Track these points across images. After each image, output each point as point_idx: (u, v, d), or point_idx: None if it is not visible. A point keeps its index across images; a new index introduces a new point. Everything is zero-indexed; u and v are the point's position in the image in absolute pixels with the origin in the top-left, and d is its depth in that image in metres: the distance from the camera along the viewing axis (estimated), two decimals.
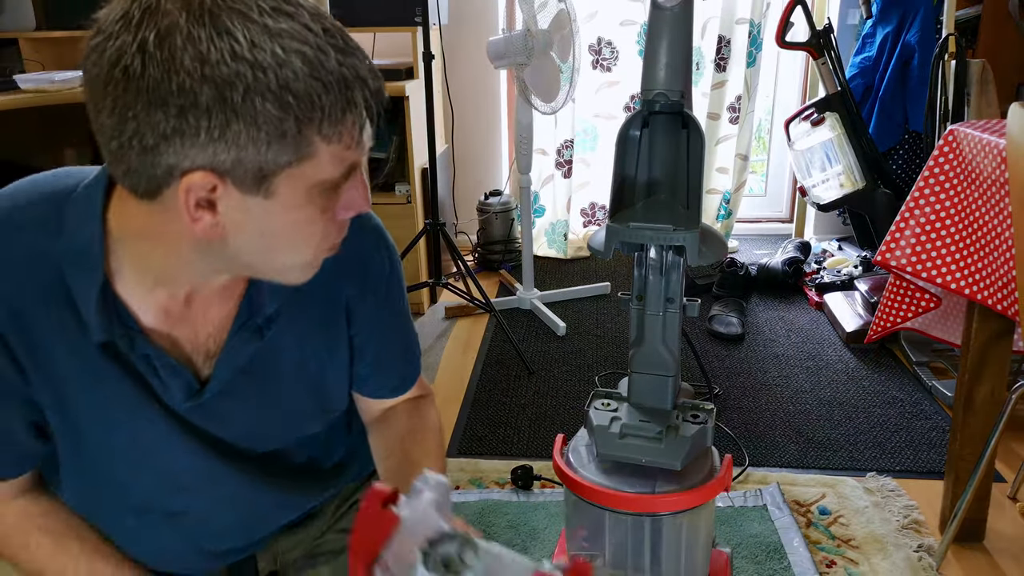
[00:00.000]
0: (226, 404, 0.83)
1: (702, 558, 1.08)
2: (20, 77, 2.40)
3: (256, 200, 0.66)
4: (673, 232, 0.88)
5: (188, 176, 0.64)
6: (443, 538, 0.56)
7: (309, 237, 0.71)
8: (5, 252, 0.73)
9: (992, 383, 1.51)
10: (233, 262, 0.72)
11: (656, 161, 0.94)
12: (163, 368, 0.78)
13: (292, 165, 0.65)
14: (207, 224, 0.67)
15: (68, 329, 0.74)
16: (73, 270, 0.73)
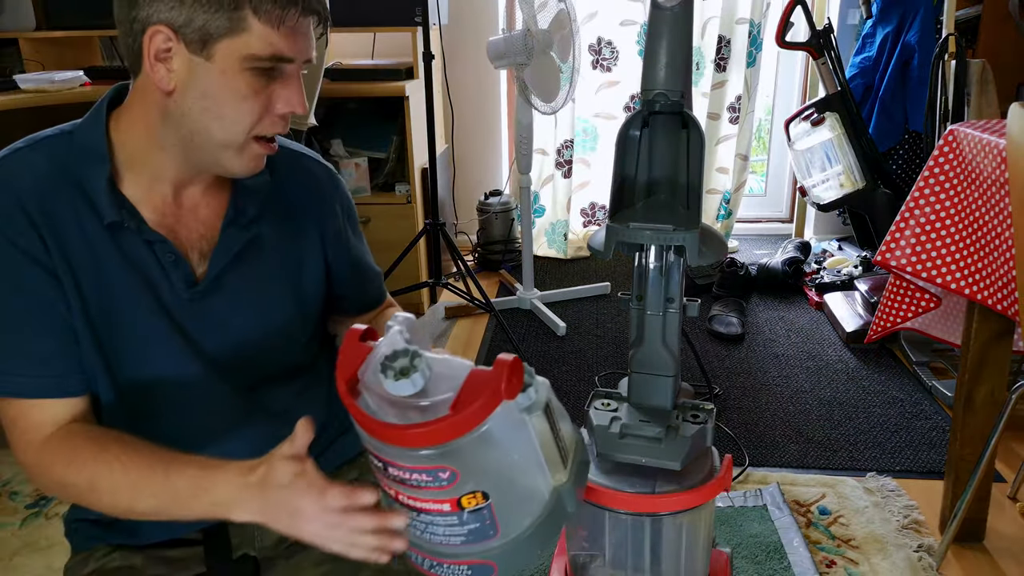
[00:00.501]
0: (218, 302, 0.93)
1: (702, 558, 1.08)
2: (20, 77, 2.40)
3: (199, 60, 0.82)
4: (673, 232, 0.88)
5: (151, 29, 0.81)
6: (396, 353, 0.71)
7: (240, 112, 0.84)
8: (29, 165, 0.85)
9: (992, 383, 1.52)
10: (183, 134, 0.85)
11: (656, 161, 0.94)
12: (165, 256, 0.89)
13: (229, 35, 0.81)
14: (163, 75, 0.82)
15: (83, 216, 0.85)
16: (83, 164, 0.86)
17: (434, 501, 0.73)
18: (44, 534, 1.69)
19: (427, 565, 0.80)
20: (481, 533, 0.75)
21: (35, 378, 0.86)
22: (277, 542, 1.05)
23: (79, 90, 2.48)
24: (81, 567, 1.02)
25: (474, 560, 0.77)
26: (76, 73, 2.49)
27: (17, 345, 0.85)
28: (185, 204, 0.92)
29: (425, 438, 0.69)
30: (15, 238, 0.83)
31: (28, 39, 2.69)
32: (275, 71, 0.84)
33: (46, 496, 1.82)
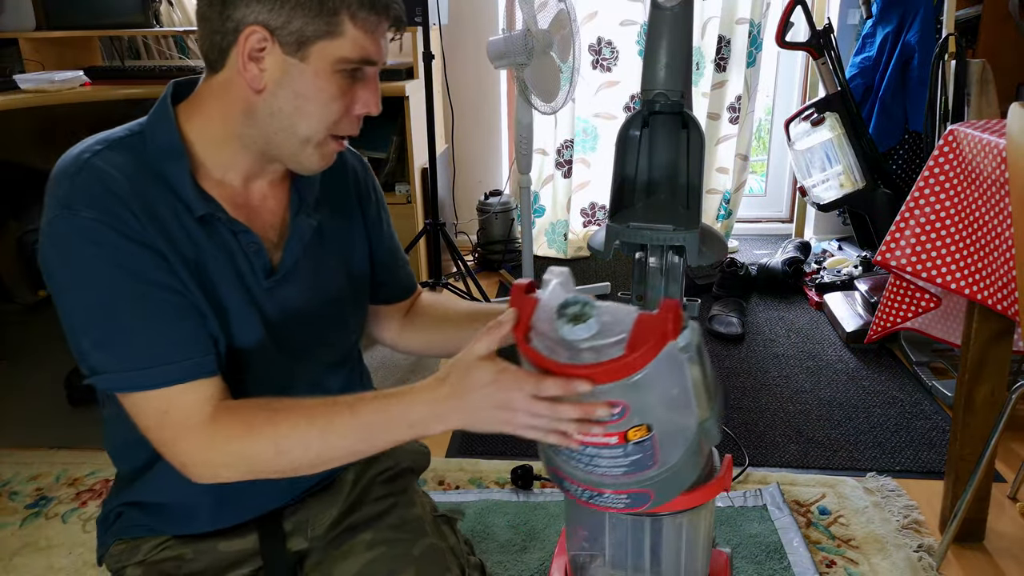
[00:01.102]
0: (291, 289, 0.98)
1: (702, 558, 1.08)
2: (20, 77, 2.40)
3: (293, 62, 0.85)
4: (673, 232, 0.88)
5: (248, 29, 0.83)
6: (568, 303, 0.80)
7: (327, 111, 0.88)
8: (116, 166, 0.86)
9: (992, 383, 1.51)
10: (267, 131, 0.89)
11: (656, 161, 0.94)
12: (248, 246, 0.93)
13: (325, 38, 0.85)
14: (255, 75, 0.85)
15: (176, 210, 0.88)
16: (166, 162, 0.88)
17: (603, 435, 0.81)
18: (44, 534, 1.70)
19: (586, 496, 0.88)
20: (641, 464, 0.84)
21: (183, 362, 0.86)
22: (327, 530, 1.08)
23: (79, 90, 2.48)
24: (128, 556, 1.03)
25: (633, 489, 0.86)
26: (76, 73, 2.49)
27: (163, 334, 0.85)
28: (254, 196, 0.96)
29: (608, 375, 0.77)
30: (132, 235, 0.84)
31: (28, 39, 2.69)
32: (359, 73, 0.89)
33: (46, 496, 1.82)
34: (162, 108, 0.91)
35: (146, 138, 0.90)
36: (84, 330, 0.85)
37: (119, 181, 0.85)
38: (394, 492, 1.13)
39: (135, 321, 0.84)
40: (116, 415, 0.97)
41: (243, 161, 0.93)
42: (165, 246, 0.86)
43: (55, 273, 0.85)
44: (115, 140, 0.90)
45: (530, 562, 1.56)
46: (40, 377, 2.39)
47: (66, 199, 0.84)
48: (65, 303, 0.85)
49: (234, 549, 1.03)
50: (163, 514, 1.02)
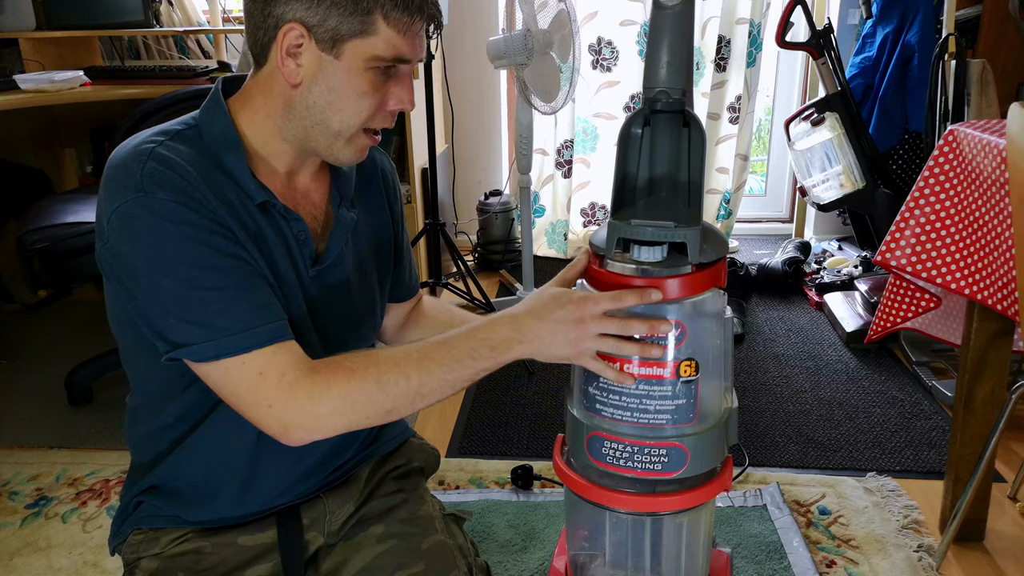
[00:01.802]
0: (333, 277, 1.02)
1: (702, 558, 1.08)
2: (20, 77, 2.39)
3: (328, 58, 0.89)
4: (675, 229, 0.89)
5: (286, 26, 0.87)
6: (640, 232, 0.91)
7: (359, 107, 0.92)
8: (182, 155, 0.89)
9: (992, 383, 1.51)
10: (304, 124, 0.93)
11: (658, 159, 0.94)
12: (299, 234, 0.97)
13: (358, 36, 0.88)
14: (292, 70, 0.89)
15: (236, 201, 0.92)
16: (224, 153, 0.92)
17: (659, 365, 0.90)
18: (44, 534, 1.69)
19: (625, 456, 0.94)
20: (684, 412, 0.93)
21: (269, 324, 0.89)
22: (342, 524, 1.11)
23: (79, 90, 2.48)
24: (146, 547, 1.04)
25: (671, 443, 0.93)
26: (76, 73, 2.49)
27: (246, 301, 0.88)
28: (299, 188, 1.01)
29: (681, 288, 0.88)
30: (206, 214, 0.87)
31: (28, 39, 2.69)
32: (392, 70, 0.92)
33: (46, 496, 1.82)
34: (215, 101, 0.95)
35: (201, 131, 0.94)
36: (169, 307, 0.86)
37: (186, 167, 0.88)
38: (405, 489, 1.16)
39: (218, 291, 0.87)
40: (144, 403, 1.02)
41: (286, 154, 0.97)
42: (235, 224, 0.90)
43: (132, 257, 0.86)
44: (174, 132, 0.93)
45: (530, 562, 1.56)
46: (40, 377, 2.39)
47: (139, 184, 0.85)
48: (147, 284, 0.87)
49: (254, 543, 1.05)
50: (186, 499, 1.03)
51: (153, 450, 1.04)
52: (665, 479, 0.95)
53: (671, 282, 0.89)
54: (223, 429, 0.99)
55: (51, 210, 2.18)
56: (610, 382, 0.92)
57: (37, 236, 2.03)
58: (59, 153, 3.04)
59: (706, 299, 0.92)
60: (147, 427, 1.03)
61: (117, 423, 2.11)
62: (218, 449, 1.01)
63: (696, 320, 0.91)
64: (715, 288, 0.93)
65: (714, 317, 0.94)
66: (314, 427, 0.88)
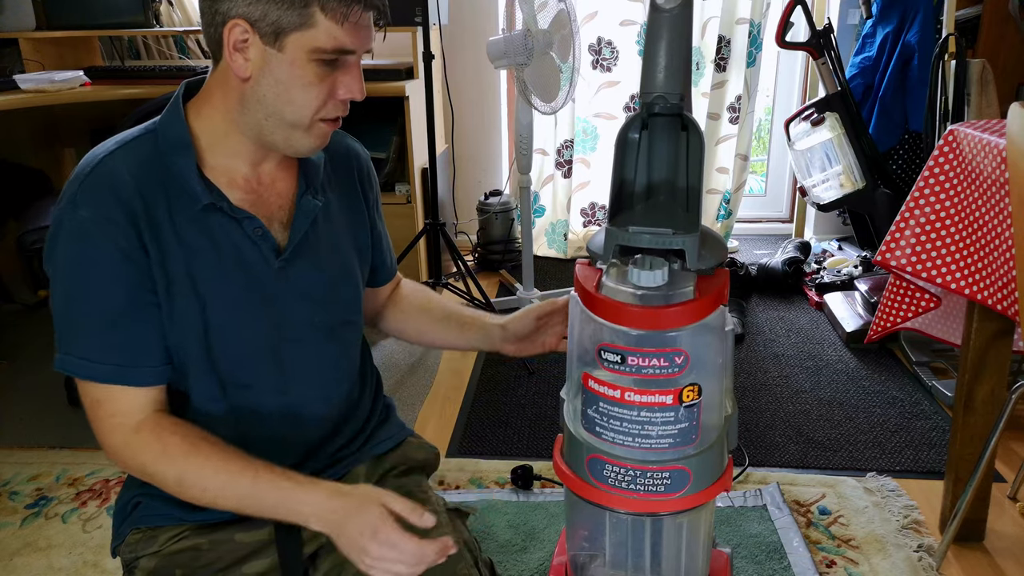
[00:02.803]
0: (301, 266, 1.03)
1: (702, 558, 1.08)
2: (20, 77, 2.40)
3: (272, 52, 0.91)
4: (673, 236, 0.87)
5: (231, 22, 0.90)
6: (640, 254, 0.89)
7: (308, 99, 0.94)
8: (125, 164, 0.94)
9: (992, 383, 1.51)
10: (258, 116, 0.95)
11: (655, 164, 0.93)
12: (253, 232, 0.99)
13: (298, 29, 0.90)
14: (240, 64, 0.92)
15: (178, 204, 0.94)
16: (173, 155, 0.95)
17: (660, 392, 0.87)
18: (44, 534, 1.69)
19: (627, 479, 0.93)
20: (686, 436, 0.91)
21: (122, 366, 0.94)
22: None
23: (79, 90, 2.48)
24: (144, 546, 1.05)
25: (674, 466, 0.91)
26: (76, 73, 2.49)
27: (114, 336, 0.94)
28: (264, 180, 1.03)
29: (683, 316, 0.85)
30: (117, 239, 0.91)
31: (28, 39, 2.69)
32: (338, 61, 0.94)
33: (46, 496, 1.82)
34: (174, 106, 0.98)
35: (158, 135, 0.97)
36: (53, 311, 0.95)
37: (126, 183, 0.93)
38: (407, 486, 1.17)
39: (87, 318, 0.93)
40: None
41: (246, 148, 0.99)
42: (154, 252, 0.94)
43: (48, 258, 0.95)
44: (130, 139, 0.97)
45: (530, 562, 1.56)
46: (40, 377, 2.39)
47: (73, 196, 0.92)
48: (51, 284, 0.95)
49: (251, 539, 1.05)
50: (182, 504, 1.03)
51: None
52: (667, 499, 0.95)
53: (672, 312, 0.86)
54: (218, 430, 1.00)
55: (51, 210, 2.18)
56: (611, 408, 0.91)
57: (37, 236, 2.03)
58: (59, 153, 3.04)
59: (709, 321, 0.88)
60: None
61: None
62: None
63: (699, 344, 0.88)
64: (720, 307, 0.90)
65: (717, 335, 0.91)
66: (124, 469, 1.00)
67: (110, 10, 2.86)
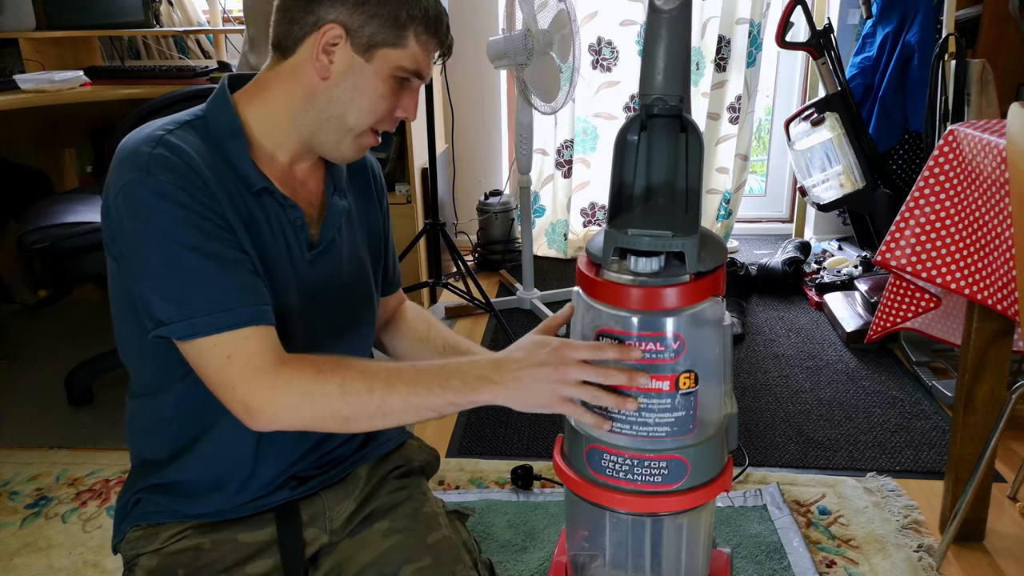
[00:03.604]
0: (327, 263, 1.07)
1: (702, 558, 1.08)
2: (20, 77, 2.39)
3: (359, 60, 0.97)
4: (673, 238, 0.87)
5: (328, 25, 0.96)
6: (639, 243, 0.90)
7: (375, 108, 1.00)
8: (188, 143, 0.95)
9: (992, 383, 1.52)
10: (322, 116, 0.99)
11: (655, 166, 0.93)
12: (295, 220, 1.02)
13: (390, 46, 0.97)
14: (323, 64, 0.97)
15: (236, 185, 0.97)
16: (227, 141, 0.98)
17: (657, 378, 0.88)
18: (44, 534, 1.70)
19: (625, 468, 0.93)
20: (683, 425, 0.91)
21: (243, 308, 0.91)
22: (345, 523, 1.12)
23: (79, 90, 2.48)
24: (145, 543, 1.05)
25: (671, 455, 0.92)
26: (76, 73, 2.49)
27: (225, 284, 0.91)
28: (297, 177, 1.06)
29: (677, 297, 0.86)
30: (203, 199, 0.92)
31: (28, 39, 2.68)
32: (407, 82, 1.01)
33: (46, 496, 1.83)
34: (221, 95, 1.01)
35: (208, 122, 0.99)
36: (154, 284, 0.91)
37: (191, 154, 0.93)
38: (408, 486, 1.18)
39: (199, 272, 0.90)
40: (143, 396, 1.05)
41: (291, 144, 1.02)
42: (231, 212, 0.94)
43: (129, 232, 0.91)
44: (183, 122, 0.98)
45: (530, 562, 1.56)
46: (40, 377, 2.39)
47: (145, 166, 0.91)
48: (137, 260, 0.91)
49: (253, 540, 1.06)
50: (187, 493, 1.04)
51: (155, 446, 1.05)
52: (665, 490, 0.95)
53: (668, 292, 0.87)
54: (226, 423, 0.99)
55: (51, 210, 2.18)
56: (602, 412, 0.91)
57: (37, 236, 2.03)
58: (59, 153, 3.04)
59: (705, 308, 0.90)
60: (147, 420, 1.05)
61: (117, 423, 2.11)
62: (223, 443, 1.02)
63: (694, 331, 0.89)
64: (713, 296, 0.91)
65: (713, 326, 0.92)
66: (273, 417, 0.91)
67: (110, 10, 2.86)
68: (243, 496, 1.06)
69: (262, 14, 1.86)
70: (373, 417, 0.91)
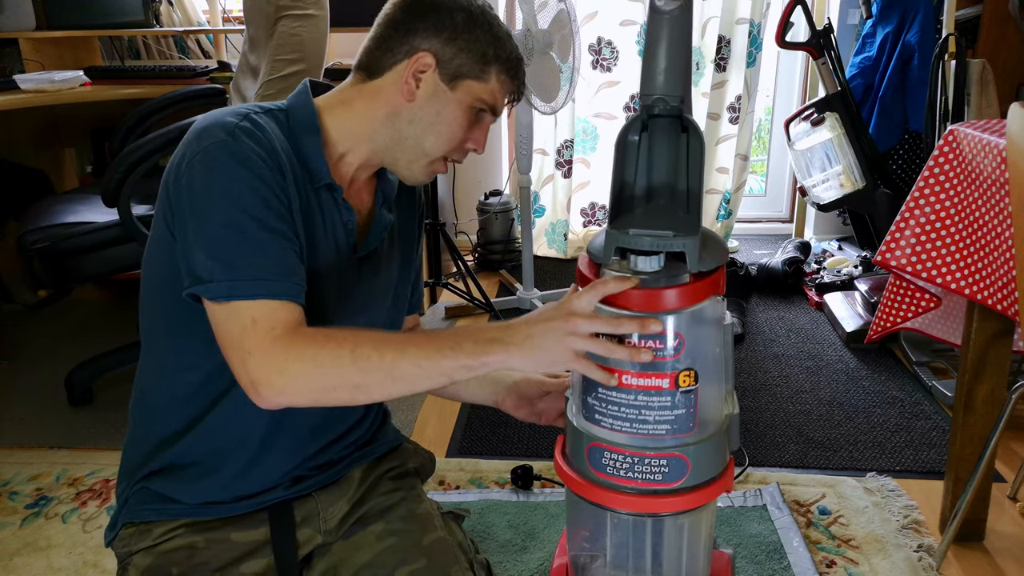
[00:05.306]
0: (367, 270, 1.11)
1: (703, 559, 1.08)
2: (20, 77, 2.39)
3: (444, 88, 1.03)
4: (673, 238, 0.87)
5: (421, 52, 1.02)
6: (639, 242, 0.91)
7: (451, 136, 1.05)
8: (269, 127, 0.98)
9: (992, 383, 1.52)
10: (400, 135, 1.04)
11: (656, 166, 0.93)
12: (348, 222, 1.06)
13: (474, 79, 1.03)
14: (411, 87, 1.02)
15: (302, 175, 1.00)
16: (305, 135, 1.02)
17: (657, 376, 0.89)
18: (44, 534, 1.70)
19: (626, 467, 0.94)
20: (683, 423, 0.92)
21: (282, 281, 0.93)
22: (338, 524, 1.12)
23: (79, 90, 2.48)
24: (139, 540, 1.05)
25: (672, 453, 0.93)
26: (76, 73, 2.49)
27: (272, 256, 0.93)
28: (355, 185, 1.10)
29: (678, 298, 0.87)
30: (273, 176, 0.95)
31: (28, 39, 2.69)
32: (482, 115, 1.07)
33: (46, 496, 1.82)
34: (304, 94, 1.06)
35: (288, 114, 1.04)
36: (206, 242, 0.92)
37: (272, 136, 0.97)
38: (403, 488, 1.18)
39: (254, 242, 0.92)
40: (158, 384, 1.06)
41: (364, 152, 1.07)
42: (295, 196, 0.98)
43: (199, 190, 0.92)
44: (266, 109, 1.02)
45: (530, 562, 1.56)
46: (40, 377, 2.39)
47: (232, 132, 0.93)
48: (196, 215, 0.92)
49: (246, 539, 1.06)
50: (188, 477, 1.05)
51: (162, 426, 1.06)
52: (666, 488, 0.95)
53: (668, 293, 0.88)
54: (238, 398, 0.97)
55: (51, 210, 2.18)
56: (608, 393, 0.92)
57: (37, 236, 2.02)
58: (59, 153, 3.04)
59: (704, 307, 0.90)
60: (159, 401, 1.06)
61: (117, 423, 2.11)
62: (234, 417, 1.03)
63: (695, 329, 0.90)
64: (713, 295, 0.91)
65: (713, 325, 0.93)
66: (283, 386, 0.89)
67: (110, 10, 2.86)
68: (242, 485, 1.06)
69: (262, 14, 1.86)
70: (384, 383, 0.90)
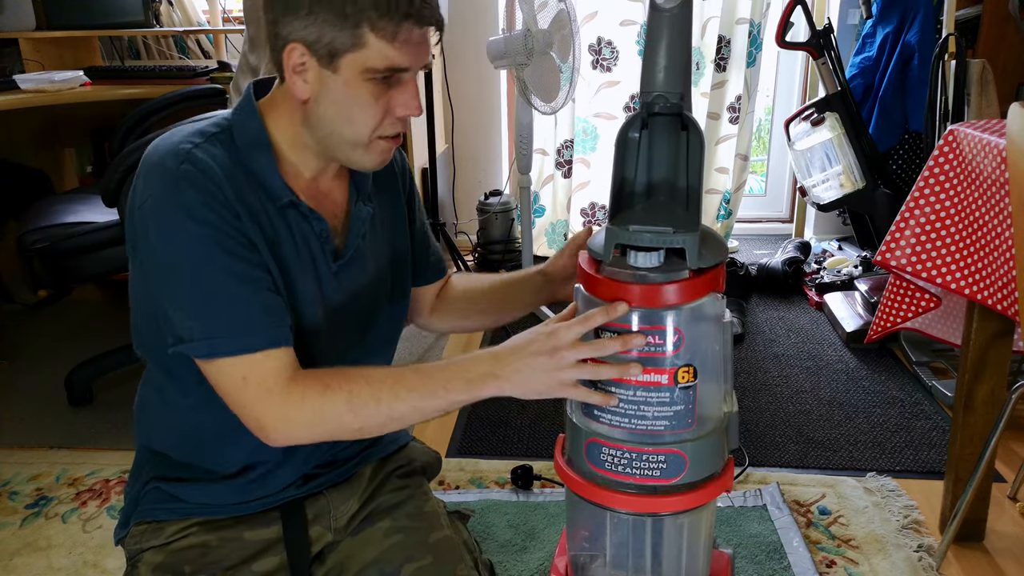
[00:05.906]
0: (352, 272, 1.07)
1: (703, 559, 1.08)
2: (20, 77, 2.39)
3: (328, 74, 0.92)
4: (673, 235, 0.88)
5: (290, 46, 0.92)
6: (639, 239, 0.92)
7: (365, 117, 0.94)
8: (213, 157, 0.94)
9: (992, 383, 1.51)
10: (320, 135, 0.97)
11: (656, 163, 0.94)
12: (321, 233, 1.01)
13: (351, 50, 0.90)
14: (301, 86, 0.94)
15: (261, 199, 0.96)
16: (255, 154, 0.97)
17: (656, 372, 0.89)
18: (44, 534, 1.70)
19: (624, 462, 0.94)
20: (682, 419, 0.92)
21: (262, 331, 0.92)
22: (349, 521, 1.13)
23: (79, 90, 2.48)
24: (151, 537, 1.06)
25: (669, 449, 0.93)
26: (76, 73, 2.49)
27: (246, 306, 0.92)
28: (321, 189, 1.05)
29: (677, 294, 0.88)
30: (227, 217, 0.91)
31: (28, 39, 2.69)
32: (392, 79, 0.94)
33: (46, 496, 1.82)
34: (247, 105, 1.00)
35: (234, 132, 0.98)
36: (176, 301, 0.92)
37: (217, 171, 0.93)
38: (410, 486, 1.19)
39: (223, 293, 0.91)
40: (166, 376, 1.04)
41: (311, 159, 1.01)
42: (253, 230, 0.94)
43: (155, 246, 0.92)
44: (209, 135, 0.97)
45: (530, 562, 1.56)
46: (40, 377, 2.39)
47: (173, 182, 0.90)
48: (160, 276, 0.93)
49: (259, 538, 1.07)
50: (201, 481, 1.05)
51: (174, 428, 1.07)
52: (664, 485, 0.95)
53: (668, 288, 0.88)
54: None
55: (51, 210, 2.18)
56: (607, 388, 0.93)
57: (37, 236, 2.03)
58: (59, 153, 3.04)
59: (704, 304, 0.91)
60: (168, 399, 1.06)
61: (117, 423, 2.11)
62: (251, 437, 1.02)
63: (694, 326, 0.91)
64: (713, 292, 0.92)
65: (713, 322, 0.93)
66: (288, 434, 0.93)
67: (110, 10, 2.86)
68: (256, 489, 1.07)
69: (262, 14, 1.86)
70: (383, 425, 0.93)
